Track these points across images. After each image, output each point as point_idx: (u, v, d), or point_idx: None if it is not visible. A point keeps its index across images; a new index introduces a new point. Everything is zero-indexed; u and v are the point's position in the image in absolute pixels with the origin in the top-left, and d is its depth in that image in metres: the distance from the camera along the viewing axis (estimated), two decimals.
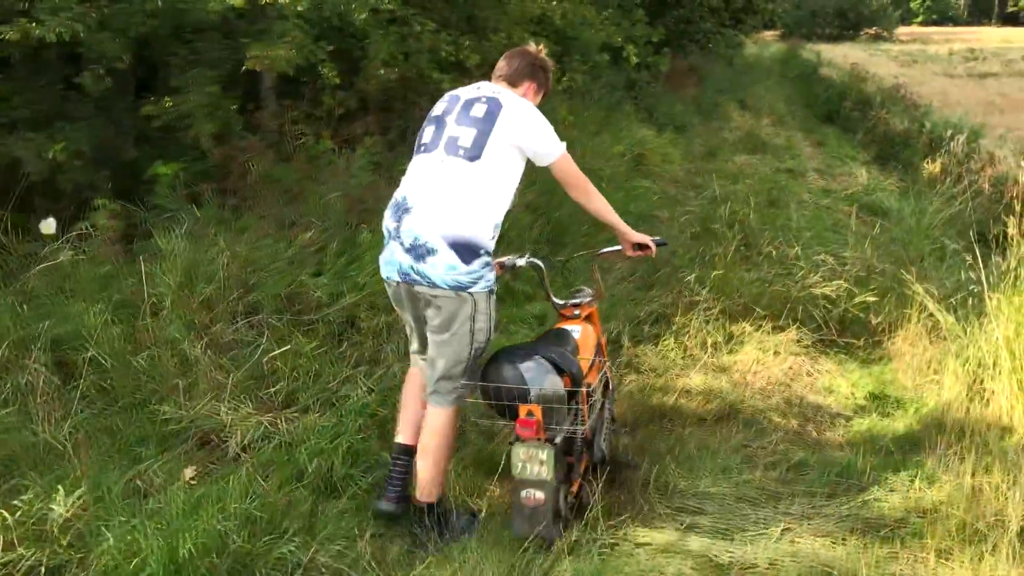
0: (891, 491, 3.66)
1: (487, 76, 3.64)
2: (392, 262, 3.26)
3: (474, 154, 3.17)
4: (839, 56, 27.18)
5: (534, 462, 3.08)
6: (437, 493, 3.37)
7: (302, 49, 5.52)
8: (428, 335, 3.34)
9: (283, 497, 3.38)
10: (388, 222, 3.29)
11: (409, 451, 3.48)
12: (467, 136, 3.21)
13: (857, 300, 5.46)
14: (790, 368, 5.06)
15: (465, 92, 3.40)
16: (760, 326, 5.37)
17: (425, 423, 3.38)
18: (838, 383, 4.98)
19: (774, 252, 6.35)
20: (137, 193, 5.96)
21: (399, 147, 7.13)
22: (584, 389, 3.33)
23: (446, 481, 3.50)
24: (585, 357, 3.52)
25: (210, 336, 4.33)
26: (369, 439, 3.95)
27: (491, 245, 3.24)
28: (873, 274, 5.85)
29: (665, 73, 16.19)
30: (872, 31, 44.13)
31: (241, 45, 5.65)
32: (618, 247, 3.81)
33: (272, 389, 4.18)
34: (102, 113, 6.38)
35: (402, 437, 3.53)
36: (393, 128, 6.89)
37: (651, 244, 3.71)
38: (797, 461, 3.98)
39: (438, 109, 3.41)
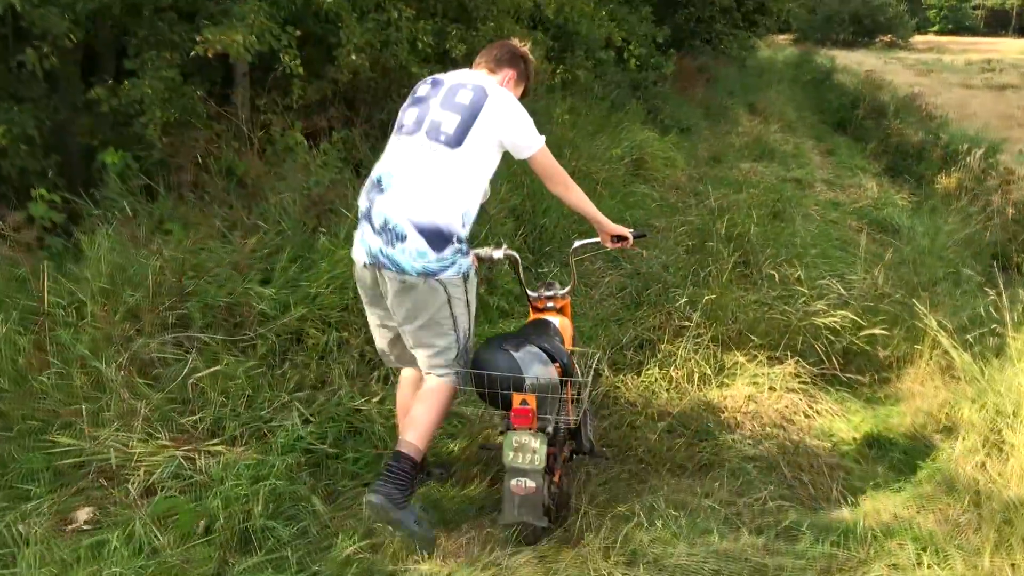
0: (895, 568, 3.14)
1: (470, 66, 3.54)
2: (363, 242, 3.20)
3: (455, 141, 3.14)
4: (853, 63, 26.62)
5: (526, 451, 3.07)
6: (417, 447, 3.18)
7: (263, 34, 5.00)
8: (401, 328, 3.28)
9: (179, 555, 2.88)
10: (361, 200, 3.25)
11: None
12: (450, 122, 3.16)
13: (864, 332, 4.93)
14: (786, 407, 4.54)
15: (450, 77, 3.33)
16: (755, 356, 4.85)
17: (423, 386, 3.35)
18: (838, 426, 4.45)
19: (775, 273, 5.83)
20: (91, 184, 5.49)
21: (376, 142, 6.64)
22: (578, 380, 3.44)
23: (428, 445, 3.30)
24: (573, 349, 3.54)
25: (130, 352, 3.82)
26: (298, 481, 3.46)
27: (464, 233, 3.18)
28: (882, 303, 5.31)
29: (673, 73, 15.67)
30: (887, 38, 43.45)
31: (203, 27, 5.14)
32: (596, 239, 3.76)
33: (195, 416, 3.68)
34: (53, 95, 5.91)
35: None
36: (368, 122, 6.38)
37: (628, 236, 3.67)
38: (788, 524, 3.46)
39: (421, 91, 3.34)
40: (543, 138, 3.32)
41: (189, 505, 3.14)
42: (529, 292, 3.86)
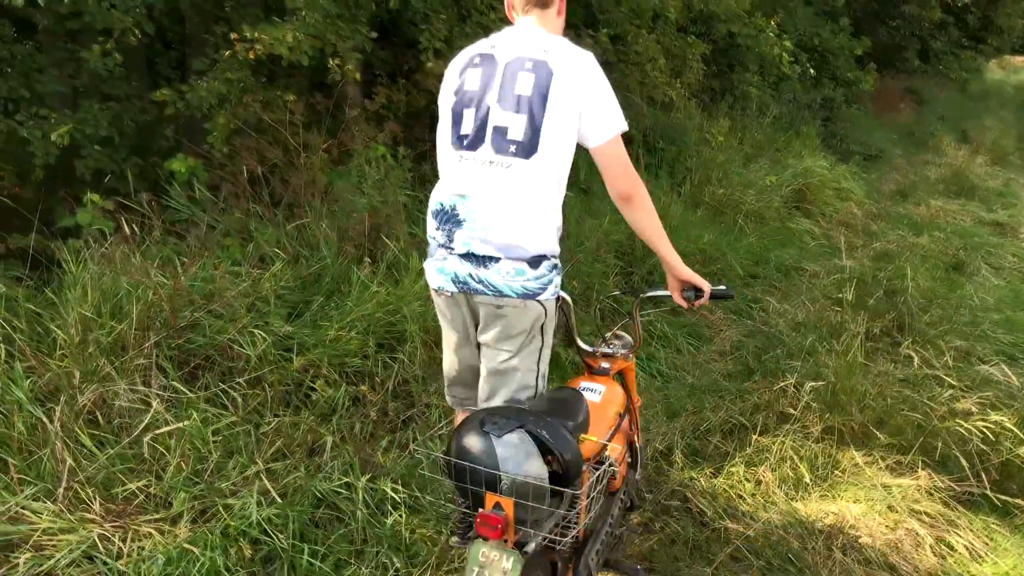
0: None
1: None
2: (444, 271, 2.65)
3: (529, 149, 2.50)
4: None
5: (494, 570, 2.26)
6: None
7: (318, 33, 4.39)
8: (483, 364, 2.72)
9: None
10: (434, 231, 2.68)
11: None
12: (517, 126, 2.51)
13: None
14: (907, 535, 3.45)
15: (503, 52, 2.59)
16: (877, 459, 3.78)
17: None
18: (981, 573, 3.33)
19: (930, 346, 4.67)
20: (162, 190, 5.11)
21: None
22: (579, 491, 2.40)
23: None
24: (591, 438, 2.58)
25: (89, 398, 3.28)
26: None
27: (558, 247, 2.64)
28: None
29: (870, 93, 14.15)
30: None
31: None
32: (665, 291, 2.92)
33: (138, 483, 3.08)
34: (143, 95, 5.59)
35: None
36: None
37: (705, 289, 2.81)
38: None
39: (472, 81, 2.60)
40: (624, 124, 2.59)
41: None
42: (583, 346, 3.11)
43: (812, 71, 8.92)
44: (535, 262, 2.57)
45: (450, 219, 2.61)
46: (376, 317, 3.99)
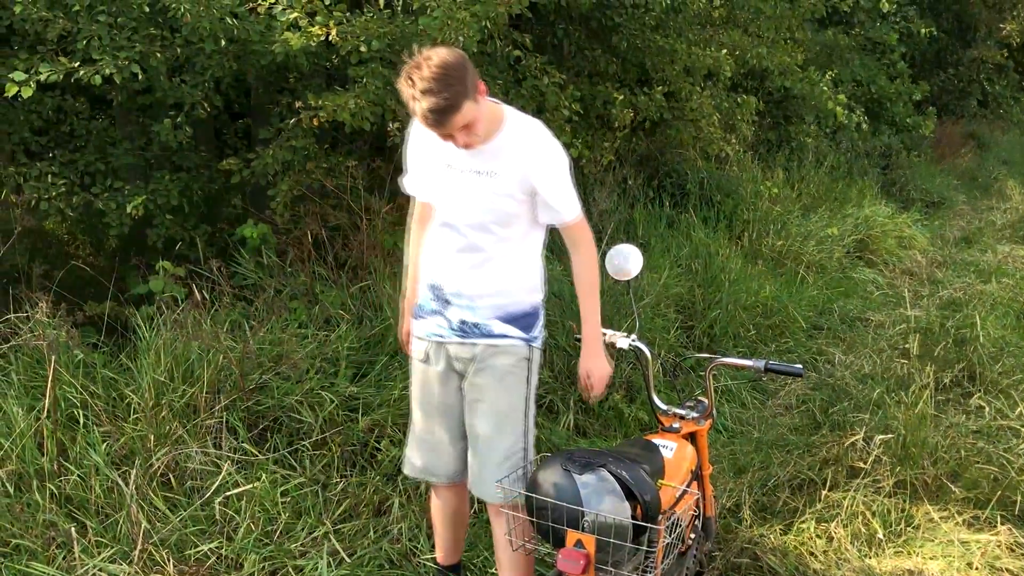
0: None
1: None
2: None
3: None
4: None
5: None
6: None
7: (383, 101, 4.52)
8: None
9: None
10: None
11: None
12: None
13: None
14: None
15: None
16: (952, 514, 3.69)
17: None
18: None
19: (1002, 398, 4.56)
20: (231, 256, 5.27)
21: None
22: (659, 527, 2.43)
23: None
24: (670, 483, 2.63)
25: (163, 461, 3.36)
26: None
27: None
28: None
29: (930, 139, 13.98)
30: None
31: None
32: (750, 361, 2.94)
33: (210, 545, 3.13)
34: (211, 165, 5.79)
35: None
36: None
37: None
38: None
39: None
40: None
41: None
42: (657, 401, 3.12)
43: (866, 123, 8.86)
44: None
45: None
46: None
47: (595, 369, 2.74)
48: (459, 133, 2.43)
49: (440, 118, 2.35)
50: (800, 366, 2.87)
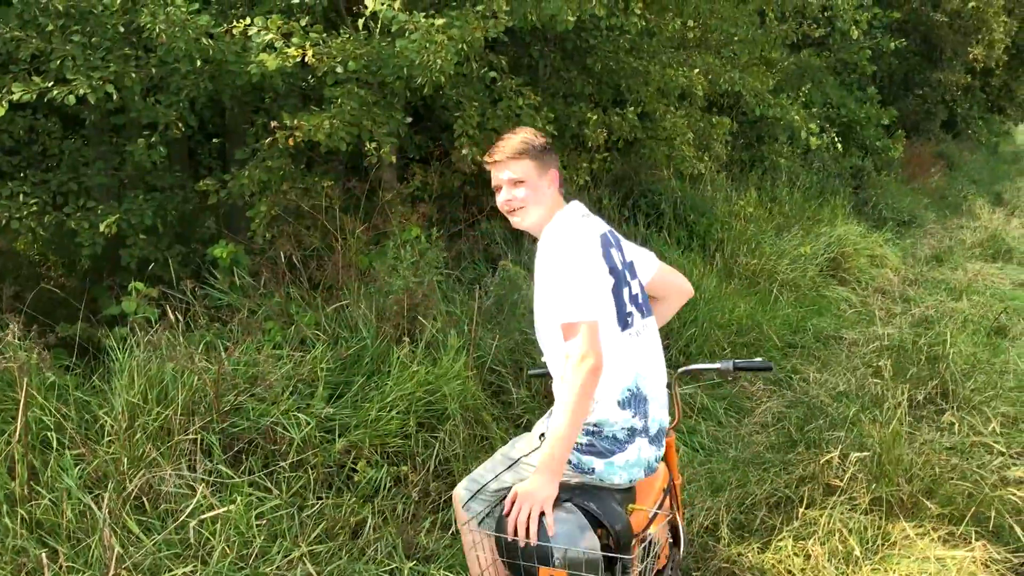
0: None
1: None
2: (640, 462, 2.56)
3: (647, 306, 2.69)
4: None
5: None
6: None
7: (355, 120, 4.53)
8: None
9: None
10: (631, 420, 2.52)
11: None
12: (638, 287, 2.67)
13: None
14: None
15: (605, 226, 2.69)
16: (928, 530, 3.71)
17: None
18: None
19: (977, 413, 4.60)
20: (204, 277, 5.22)
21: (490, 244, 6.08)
22: (632, 555, 2.40)
23: None
24: (641, 507, 2.61)
25: (136, 484, 3.31)
26: None
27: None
28: None
29: (900, 160, 14.18)
30: None
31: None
32: (715, 364, 3.04)
33: (184, 569, 3.09)
34: (187, 185, 5.76)
35: None
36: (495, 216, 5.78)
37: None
38: None
39: (617, 259, 2.60)
40: None
41: None
42: None
43: (839, 144, 8.97)
44: None
45: (639, 400, 2.54)
46: (416, 396, 4.02)
47: (523, 486, 2.35)
48: (507, 184, 2.51)
49: (505, 147, 2.49)
50: (768, 361, 2.88)
